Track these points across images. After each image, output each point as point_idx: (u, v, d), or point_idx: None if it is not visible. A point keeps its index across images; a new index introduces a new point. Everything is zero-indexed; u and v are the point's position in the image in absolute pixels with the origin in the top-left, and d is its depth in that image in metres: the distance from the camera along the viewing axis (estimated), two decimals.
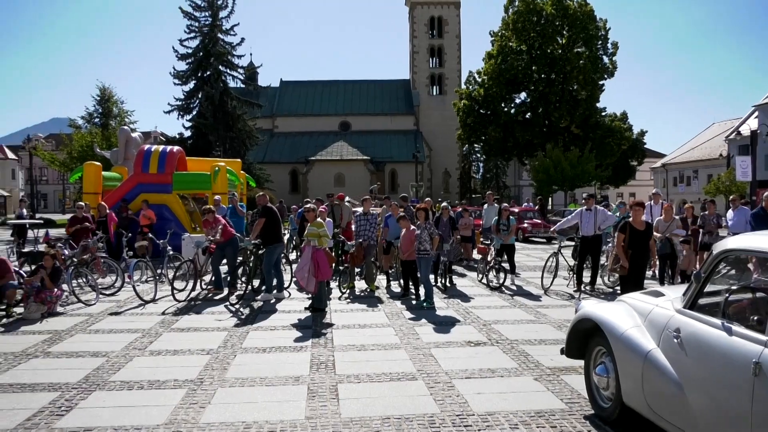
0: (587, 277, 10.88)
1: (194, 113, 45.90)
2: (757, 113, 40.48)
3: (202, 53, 44.88)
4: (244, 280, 10.48)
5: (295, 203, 22.77)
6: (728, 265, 3.95)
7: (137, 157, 18.15)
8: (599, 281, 11.07)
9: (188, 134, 46.03)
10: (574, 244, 11.24)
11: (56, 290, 8.89)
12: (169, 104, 45.93)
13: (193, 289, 9.96)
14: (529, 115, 43.94)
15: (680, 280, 10.41)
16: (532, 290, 10.87)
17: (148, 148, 18.43)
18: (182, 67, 45.69)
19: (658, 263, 10.56)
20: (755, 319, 3.31)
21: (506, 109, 44.50)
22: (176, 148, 18.88)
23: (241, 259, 10.52)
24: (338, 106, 64.35)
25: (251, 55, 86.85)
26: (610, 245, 11.56)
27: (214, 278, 10.39)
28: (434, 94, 64.59)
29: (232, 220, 11.94)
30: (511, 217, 11.97)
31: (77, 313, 8.84)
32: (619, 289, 9.11)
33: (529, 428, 4.38)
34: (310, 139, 60.64)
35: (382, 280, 11.58)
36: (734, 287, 3.70)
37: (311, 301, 9.05)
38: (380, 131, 61.91)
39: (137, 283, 10.52)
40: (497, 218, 11.84)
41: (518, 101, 45.45)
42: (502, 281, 11.04)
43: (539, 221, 23.56)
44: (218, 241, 9.96)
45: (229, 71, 45.96)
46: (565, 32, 41.96)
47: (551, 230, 16.79)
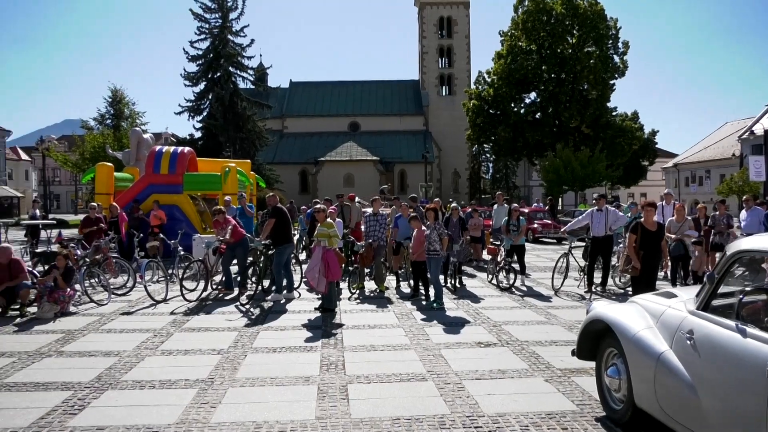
0: (598, 278, 10.80)
1: (204, 114, 46.12)
2: None
3: (212, 55, 45.05)
4: (254, 280, 10.53)
5: (304, 204, 22.81)
6: (742, 266, 3.92)
7: (148, 157, 18.27)
8: (610, 282, 11.00)
9: (199, 135, 46.20)
10: (584, 244, 11.18)
11: (69, 290, 8.97)
12: (179, 105, 46.26)
13: (204, 289, 10.03)
14: (539, 115, 43.76)
15: (692, 281, 10.33)
16: (542, 291, 10.83)
17: (159, 149, 18.54)
18: (193, 68, 45.97)
19: (670, 264, 10.50)
20: None
21: (516, 109, 44.35)
22: (187, 149, 18.98)
23: (251, 259, 10.57)
24: (347, 106, 64.40)
25: (261, 56, 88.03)
26: (621, 246, 11.49)
27: (224, 278, 10.43)
28: (443, 94, 64.47)
29: (240, 220, 11.99)
30: (521, 217, 11.91)
31: (90, 312, 8.92)
32: (630, 290, 9.06)
33: (540, 430, 4.36)
34: (319, 139, 60.74)
35: (391, 280, 11.57)
36: (748, 288, 3.66)
37: (321, 301, 9.07)
38: (389, 132, 61.92)
39: (149, 283, 10.64)
40: (507, 219, 11.80)
41: (528, 101, 45.31)
42: (512, 282, 10.99)
43: (549, 222, 23.43)
44: (228, 241, 10.01)
45: (239, 72, 46.12)
46: (575, 32, 41.75)
47: (561, 231, 16.71)
